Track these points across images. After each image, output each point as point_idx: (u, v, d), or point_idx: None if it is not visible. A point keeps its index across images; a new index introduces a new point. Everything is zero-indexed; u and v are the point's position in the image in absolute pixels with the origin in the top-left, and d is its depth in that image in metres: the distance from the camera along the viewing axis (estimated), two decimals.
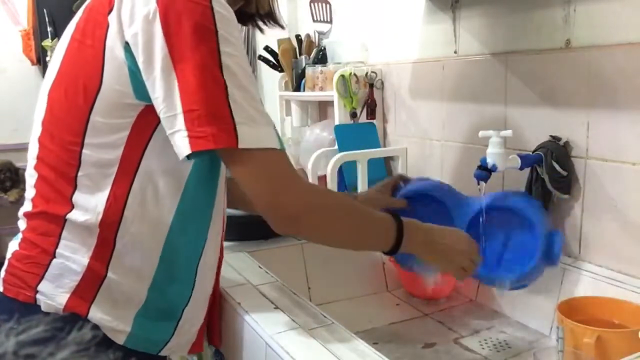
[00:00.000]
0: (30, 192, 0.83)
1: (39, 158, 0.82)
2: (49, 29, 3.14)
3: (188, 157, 0.72)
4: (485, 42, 1.29)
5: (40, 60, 3.23)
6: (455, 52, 1.38)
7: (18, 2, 3.31)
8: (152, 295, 0.83)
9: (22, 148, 0.87)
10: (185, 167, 0.81)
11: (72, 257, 0.79)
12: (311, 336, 0.81)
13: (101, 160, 0.77)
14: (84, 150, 0.77)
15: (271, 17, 0.98)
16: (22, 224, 0.84)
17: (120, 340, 0.80)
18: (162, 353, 0.87)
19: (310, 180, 1.50)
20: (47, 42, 3.14)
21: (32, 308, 0.79)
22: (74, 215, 0.78)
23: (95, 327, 0.80)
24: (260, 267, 1.11)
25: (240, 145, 0.71)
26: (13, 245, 0.84)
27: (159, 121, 0.74)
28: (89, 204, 0.78)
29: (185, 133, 0.70)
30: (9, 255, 0.84)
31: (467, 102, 1.35)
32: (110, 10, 0.73)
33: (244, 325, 0.89)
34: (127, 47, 0.72)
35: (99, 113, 0.76)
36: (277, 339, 0.80)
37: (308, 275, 1.26)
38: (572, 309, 0.93)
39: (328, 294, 1.25)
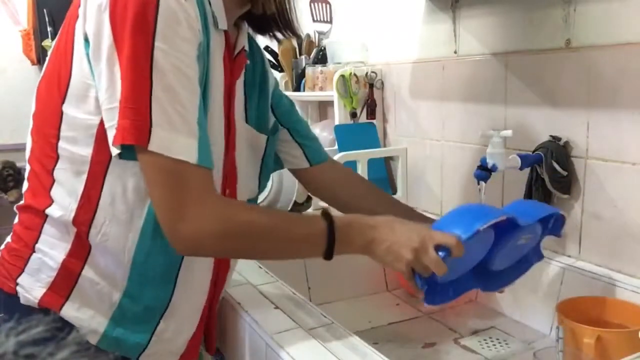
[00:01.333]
0: (24, 186, 0.84)
1: (31, 151, 0.82)
2: (49, 29, 3.14)
3: (120, 155, 0.70)
4: (485, 42, 1.29)
5: (40, 60, 3.23)
6: (455, 52, 1.38)
7: (18, 2, 3.30)
8: (126, 298, 0.81)
9: (22, 148, 0.88)
10: None
11: (50, 252, 0.79)
12: (311, 336, 0.81)
13: (74, 156, 0.77)
14: (59, 143, 0.77)
15: (284, 22, 0.92)
16: (16, 218, 0.85)
17: (93, 340, 0.80)
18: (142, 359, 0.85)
19: None
20: (47, 42, 3.14)
21: (17, 302, 0.80)
22: (52, 210, 0.79)
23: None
24: (260, 267, 1.11)
25: (150, 147, 0.67)
26: (7, 238, 0.86)
27: None
28: (64, 201, 0.78)
29: (116, 126, 0.68)
30: (2, 247, 0.86)
31: (467, 102, 1.35)
32: (80, 4, 0.73)
33: (244, 325, 0.89)
34: (86, 37, 0.72)
35: (69, 104, 0.75)
36: (277, 339, 0.80)
37: (308, 275, 1.26)
38: (572, 309, 0.93)
39: (328, 294, 1.25)
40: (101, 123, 0.73)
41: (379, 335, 1.11)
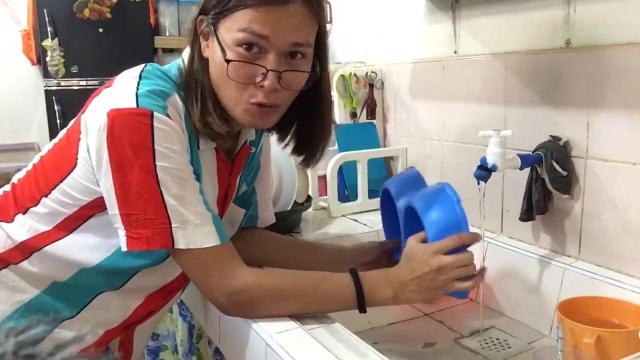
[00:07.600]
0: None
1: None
2: (49, 29, 3.13)
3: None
4: (485, 42, 1.29)
5: (40, 60, 3.23)
6: (455, 52, 1.38)
7: (18, 2, 3.31)
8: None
9: (22, 148, 0.90)
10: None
11: None
12: (311, 336, 0.81)
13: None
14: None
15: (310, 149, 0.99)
16: None
17: None
18: None
19: (310, 180, 1.50)
20: (47, 42, 3.13)
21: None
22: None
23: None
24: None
25: (175, 246, 0.79)
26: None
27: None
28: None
29: (124, 232, 0.79)
30: None
31: (467, 102, 1.35)
32: (83, 113, 0.83)
33: (244, 325, 0.89)
34: (88, 150, 0.81)
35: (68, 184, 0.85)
36: (277, 339, 0.80)
37: None
38: (572, 309, 0.93)
39: None
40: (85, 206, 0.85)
41: (379, 335, 1.11)
